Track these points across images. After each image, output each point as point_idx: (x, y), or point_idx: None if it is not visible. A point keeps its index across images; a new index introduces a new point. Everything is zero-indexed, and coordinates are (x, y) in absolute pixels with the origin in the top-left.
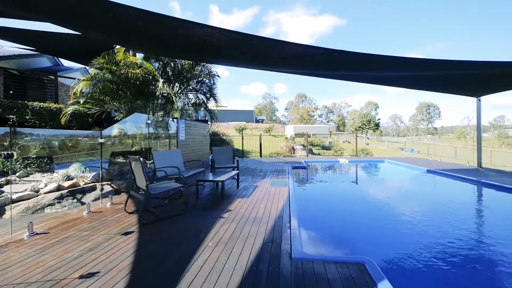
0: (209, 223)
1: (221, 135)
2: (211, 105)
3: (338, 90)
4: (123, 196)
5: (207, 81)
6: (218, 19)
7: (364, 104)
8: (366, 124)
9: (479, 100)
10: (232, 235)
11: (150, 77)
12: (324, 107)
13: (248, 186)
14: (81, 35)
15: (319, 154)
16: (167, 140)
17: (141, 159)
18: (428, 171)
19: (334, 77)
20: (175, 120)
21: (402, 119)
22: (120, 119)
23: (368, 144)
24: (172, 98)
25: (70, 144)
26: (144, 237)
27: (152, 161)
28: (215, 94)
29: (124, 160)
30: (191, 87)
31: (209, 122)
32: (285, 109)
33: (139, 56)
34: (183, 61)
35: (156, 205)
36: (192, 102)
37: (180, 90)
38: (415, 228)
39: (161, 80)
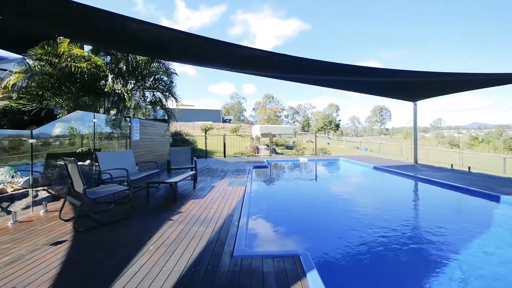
0: (155, 227)
1: (184, 135)
2: (171, 104)
3: (304, 91)
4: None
5: (165, 78)
6: (184, 15)
7: (326, 105)
8: (328, 124)
9: (415, 105)
10: (176, 237)
11: (101, 72)
12: (290, 108)
13: (205, 186)
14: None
15: (282, 154)
16: (122, 140)
17: (88, 161)
18: (374, 168)
19: (289, 79)
20: (128, 119)
21: (360, 120)
22: (61, 117)
23: (328, 143)
24: (124, 95)
25: None
26: (76, 246)
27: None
28: (174, 93)
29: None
30: (148, 85)
31: (172, 122)
32: (253, 109)
33: (88, 48)
34: (139, 56)
35: (100, 210)
36: (148, 100)
37: (135, 87)
38: (355, 221)
39: (110, 76)
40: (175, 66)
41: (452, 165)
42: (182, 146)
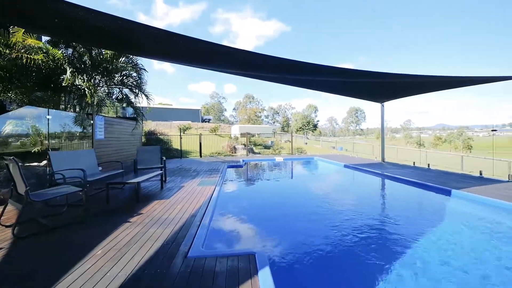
0: (108, 230)
1: (158, 134)
2: (142, 102)
3: (284, 92)
4: (9, 207)
5: (134, 74)
6: (162, 11)
7: (305, 106)
8: (306, 125)
9: (383, 106)
10: (130, 240)
11: (60, 66)
12: (270, 109)
13: (173, 186)
14: None
15: (259, 153)
16: (85, 139)
17: (45, 161)
18: (345, 166)
19: (266, 79)
20: (91, 116)
21: (337, 121)
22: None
23: (306, 143)
24: (86, 91)
25: None
26: (12, 254)
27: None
28: (144, 90)
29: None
30: (115, 81)
31: (149, 120)
32: (234, 109)
33: (46, 39)
34: (104, 50)
35: (51, 213)
36: (115, 97)
37: (100, 83)
38: (318, 218)
39: (69, 70)
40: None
41: (414, 162)
42: (155, 146)
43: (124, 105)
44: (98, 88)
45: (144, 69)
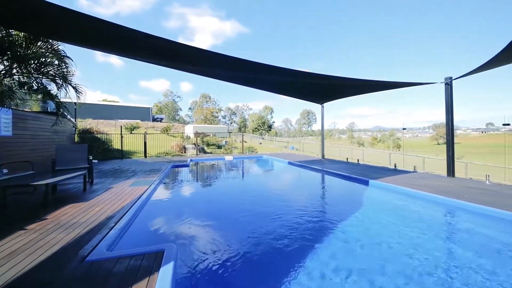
0: None
1: (96, 132)
2: (68, 94)
3: (242, 94)
4: None
5: (56, 62)
6: None
7: (262, 108)
8: (261, 125)
9: (323, 107)
10: (18, 249)
11: None
12: (227, 109)
13: (100, 188)
14: None
15: (211, 153)
16: None
17: None
18: (289, 163)
19: (219, 77)
20: None
21: (292, 122)
22: None
23: (261, 143)
24: None
25: None
26: None
27: None
28: (70, 81)
29: None
30: (29, 68)
31: (89, 118)
32: (189, 108)
33: None
34: (15, 32)
35: None
36: (28, 87)
37: (10, 71)
38: (246, 213)
39: None
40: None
41: (347, 158)
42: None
43: (41, 96)
44: (7, 76)
45: (68, 57)
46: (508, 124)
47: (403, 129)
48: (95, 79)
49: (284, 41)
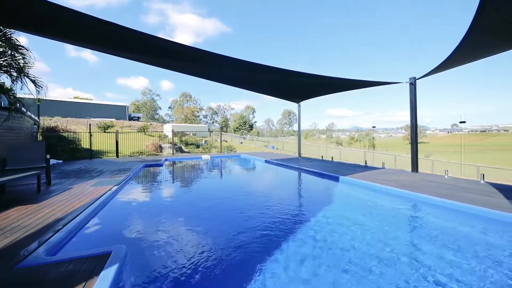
0: None
1: (61, 131)
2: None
3: (224, 94)
4: None
5: (9, 52)
6: None
7: (243, 108)
8: (242, 125)
9: (299, 106)
10: None
11: None
12: (209, 109)
13: (57, 189)
14: None
15: (188, 152)
16: None
17: None
18: (266, 161)
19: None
20: None
21: (274, 122)
22: None
23: (242, 143)
24: None
25: None
26: None
27: None
28: (27, 74)
29: None
30: None
31: (57, 116)
32: (169, 107)
33: None
34: None
35: None
36: None
37: None
38: (210, 212)
39: None
40: (68, 50)
41: (322, 156)
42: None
43: None
44: None
45: (23, 47)
46: (464, 122)
47: (373, 127)
48: (67, 75)
49: (266, 41)
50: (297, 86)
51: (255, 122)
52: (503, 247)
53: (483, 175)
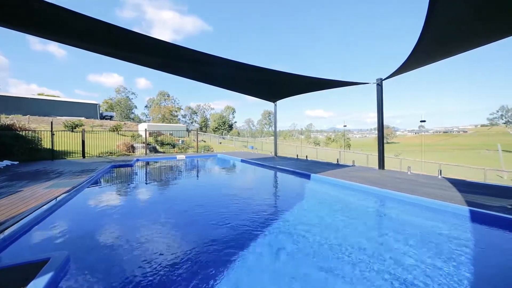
0: None
1: (19, 130)
2: None
3: (204, 94)
4: None
5: None
6: None
7: (224, 108)
8: (222, 125)
9: (275, 105)
10: None
11: None
12: (188, 108)
13: (2, 192)
14: None
15: (163, 152)
16: None
17: None
18: (242, 161)
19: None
20: None
21: (254, 123)
22: None
23: (221, 143)
24: None
25: None
26: None
27: None
28: None
29: None
30: None
31: (17, 114)
32: (145, 106)
33: None
34: None
35: None
36: None
37: None
38: (173, 214)
39: None
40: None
41: (297, 155)
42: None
43: None
44: None
45: None
46: (424, 121)
47: (344, 126)
48: (30, 71)
49: (248, 41)
50: (272, 85)
51: (235, 122)
52: (449, 235)
53: (441, 171)
